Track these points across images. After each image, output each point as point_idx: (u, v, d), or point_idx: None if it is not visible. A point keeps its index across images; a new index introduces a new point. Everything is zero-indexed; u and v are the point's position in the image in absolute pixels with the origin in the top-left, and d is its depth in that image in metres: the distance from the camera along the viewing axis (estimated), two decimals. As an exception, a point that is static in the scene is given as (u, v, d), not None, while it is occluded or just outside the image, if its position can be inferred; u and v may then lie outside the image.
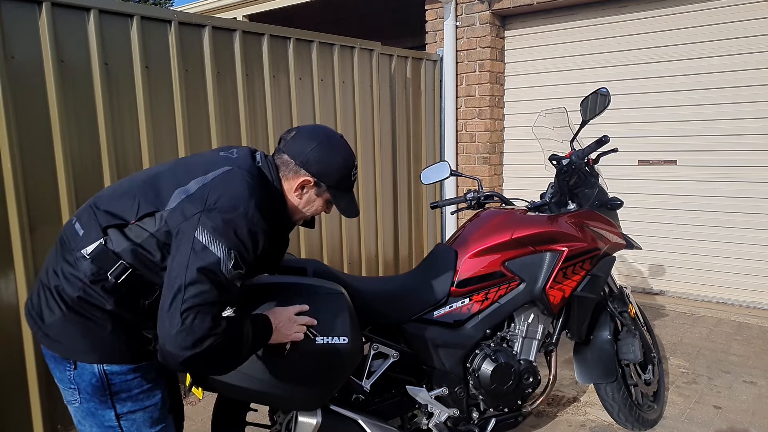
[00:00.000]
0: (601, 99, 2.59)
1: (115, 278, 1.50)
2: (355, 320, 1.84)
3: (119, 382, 1.57)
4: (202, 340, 1.39)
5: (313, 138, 1.68)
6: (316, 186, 1.69)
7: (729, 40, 4.44)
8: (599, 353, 2.70)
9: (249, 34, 3.70)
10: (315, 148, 1.66)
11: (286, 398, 1.76)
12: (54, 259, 1.58)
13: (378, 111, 4.69)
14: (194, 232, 1.44)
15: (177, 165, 1.65)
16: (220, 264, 1.43)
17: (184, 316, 1.38)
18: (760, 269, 4.54)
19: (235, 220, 1.47)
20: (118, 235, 1.52)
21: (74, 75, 2.88)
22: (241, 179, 1.55)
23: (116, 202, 1.57)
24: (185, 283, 1.40)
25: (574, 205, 2.66)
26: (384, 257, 4.91)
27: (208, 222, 1.45)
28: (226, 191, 1.51)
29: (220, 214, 1.47)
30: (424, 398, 2.25)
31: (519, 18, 5.41)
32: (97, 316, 1.53)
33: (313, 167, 1.66)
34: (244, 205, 1.50)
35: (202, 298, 1.40)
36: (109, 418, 1.59)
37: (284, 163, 1.68)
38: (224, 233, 1.45)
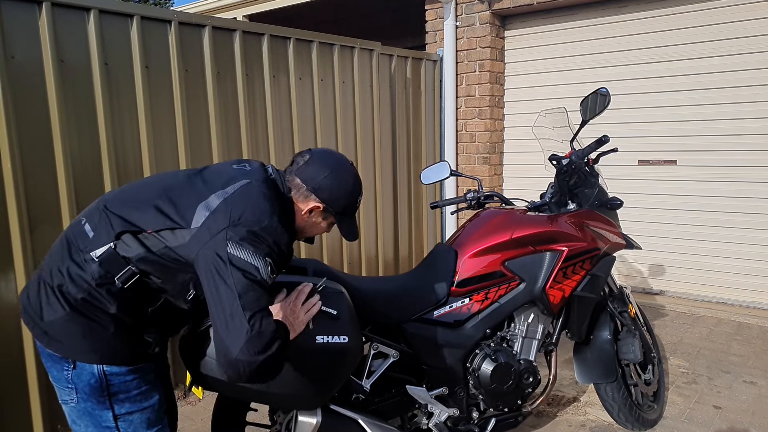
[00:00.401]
0: (601, 99, 2.59)
1: (122, 283, 1.51)
2: (355, 319, 1.84)
3: (118, 383, 1.57)
4: (271, 342, 1.45)
5: (326, 166, 1.74)
6: (324, 212, 1.76)
7: (729, 40, 4.44)
8: (599, 353, 2.70)
9: (249, 34, 3.70)
10: (328, 176, 1.73)
11: (286, 397, 1.76)
12: (59, 258, 1.58)
13: (378, 111, 4.69)
14: (227, 248, 1.47)
15: (192, 178, 1.67)
16: (260, 271, 1.48)
17: (252, 321, 1.42)
18: (760, 269, 4.54)
19: (262, 233, 1.52)
20: (132, 241, 1.54)
21: (74, 75, 2.88)
22: (259, 193, 1.61)
23: (132, 210, 1.58)
24: (238, 293, 1.44)
25: (574, 205, 2.66)
26: (384, 257, 4.91)
27: (236, 236, 1.49)
28: (248, 206, 1.56)
29: (247, 228, 1.51)
30: (424, 398, 2.25)
31: (519, 18, 5.41)
32: (100, 318, 1.53)
33: (324, 194, 1.72)
34: (268, 219, 1.55)
35: (259, 304, 1.46)
36: (107, 418, 1.59)
37: (296, 186, 1.73)
38: (255, 244, 1.50)
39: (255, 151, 3.76)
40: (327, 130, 4.26)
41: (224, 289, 1.44)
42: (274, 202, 1.61)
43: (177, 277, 1.56)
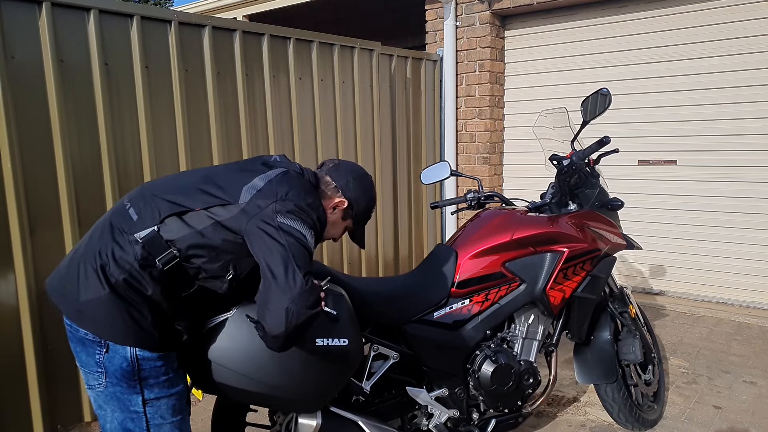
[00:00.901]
0: (602, 99, 2.59)
1: (162, 265, 1.58)
2: (355, 322, 1.84)
3: (149, 368, 1.60)
4: (318, 301, 1.57)
5: (354, 171, 1.92)
6: (347, 210, 1.89)
7: (729, 40, 4.44)
8: (599, 354, 2.69)
9: (249, 34, 3.69)
10: (355, 179, 1.89)
11: (286, 400, 1.76)
12: (102, 241, 1.62)
13: (378, 111, 4.69)
14: (276, 218, 1.59)
15: (230, 167, 1.81)
16: (307, 239, 1.61)
17: (307, 277, 1.54)
18: (760, 269, 4.54)
19: (307, 208, 1.66)
20: (177, 222, 1.61)
21: (74, 75, 2.88)
22: (299, 178, 1.76)
23: (178, 194, 1.67)
24: (293, 253, 1.55)
25: (575, 206, 2.66)
26: (384, 257, 4.91)
27: (284, 209, 1.61)
28: (292, 187, 1.69)
29: (294, 203, 1.64)
30: (424, 399, 2.25)
31: (519, 18, 5.41)
32: (137, 301, 1.58)
33: (351, 193, 1.87)
34: (312, 198, 1.71)
35: (310, 267, 1.58)
36: (136, 402, 1.61)
37: (325, 183, 1.87)
38: (301, 216, 1.63)
39: (255, 151, 3.76)
40: (327, 130, 4.26)
41: (279, 248, 1.55)
42: (313, 188, 1.78)
43: (219, 257, 1.63)
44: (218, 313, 1.75)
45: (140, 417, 1.62)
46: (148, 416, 1.62)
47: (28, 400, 2.76)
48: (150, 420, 1.63)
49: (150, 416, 1.63)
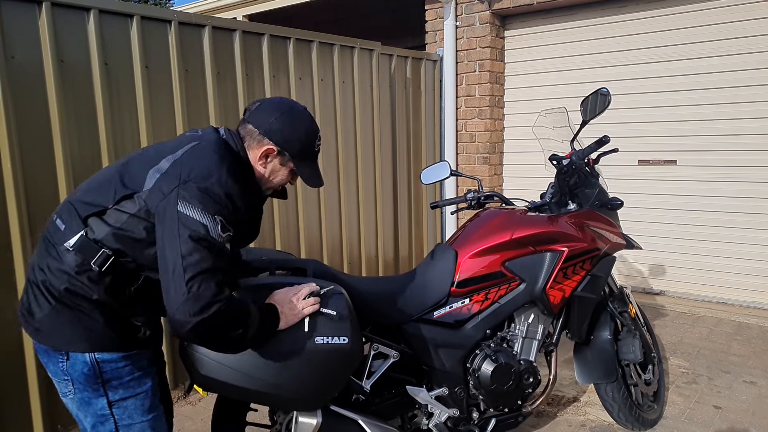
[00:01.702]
0: (602, 99, 2.59)
1: (98, 267, 1.54)
2: (355, 320, 1.84)
3: (110, 370, 1.60)
4: (208, 306, 1.45)
5: (276, 109, 1.73)
6: (279, 155, 1.72)
7: (728, 40, 4.44)
8: (599, 353, 2.69)
9: (249, 34, 3.70)
10: (278, 118, 1.70)
11: (286, 398, 1.76)
12: (39, 256, 1.62)
13: (378, 111, 4.69)
14: (177, 206, 1.49)
15: (146, 150, 1.71)
16: (209, 230, 1.49)
17: (190, 284, 1.44)
18: (761, 269, 4.54)
19: (212, 188, 1.53)
20: (98, 222, 1.57)
21: (74, 75, 2.88)
22: (209, 150, 1.62)
23: (92, 192, 1.62)
24: (182, 254, 1.46)
25: (575, 205, 2.66)
26: (384, 257, 4.91)
27: (186, 194, 1.51)
28: (197, 163, 1.57)
29: (196, 185, 1.52)
30: (424, 398, 2.25)
31: (519, 18, 5.41)
32: (85, 307, 1.56)
33: (276, 136, 1.70)
34: (216, 173, 1.56)
35: (201, 266, 1.46)
36: (102, 406, 1.61)
37: (249, 133, 1.72)
38: (204, 201, 1.51)
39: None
40: (327, 130, 4.26)
41: (170, 249, 1.47)
42: (224, 156, 1.62)
43: (151, 246, 1.56)
44: None
45: (108, 419, 1.62)
46: (115, 417, 1.62)
47: (28, 401, 2.76)
48: (118, 421, 1.63)
49: (118, 417, 1.63)
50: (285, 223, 4.01)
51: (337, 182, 4.39)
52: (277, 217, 3.93)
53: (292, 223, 4.08)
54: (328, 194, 4.31)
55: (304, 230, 4.14)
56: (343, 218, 4.46)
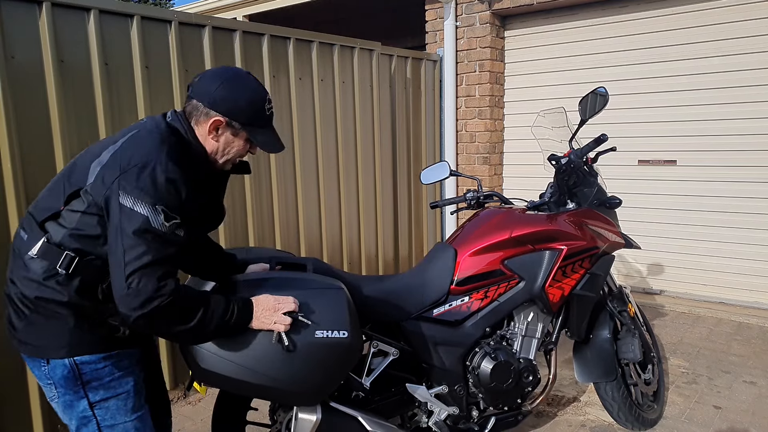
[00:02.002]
0: (600, 99, 2.60)
1: (65, 269, 1.53)
2: (355, 315, 1.84)
3: (90, 371, 1.60)
4: (149, 301, 1.43)
5: (217, 78, 1.65)
6: (229, 126, 1.65)
7: (729, 40, 4.44)
8: (599, 352, 2.70)
9: (249, 34, 3.70)
10: (221, 87, 1.63)
11: (286, 392, 1.76)
12: (11, 270, 1.63)
13: (378, 111, 4.69)
14: (118, 198, 1.47)
15: (92, 146, 1.69)
16: (150, 221, 1.46)
17: (129, 280, 1.43)
18: (760, 269, 4.54)
19: (150, 174, 1.49)
20: (54, 226, 1.57)
21: (74, 75, 2.89)
22: (148, 136, 1.58)
23: (46, 197, 1.62)
24: (123, 248, 1.45)
25: (573, 204, 2.67)
26: (384, 257, 4.91)
27: (126, 184, 1.48)
28: (136, 151, 1.54)
29: (135, 173, 1.49)
30: (424, 396, 2.25)
31: (519, 18, 5.41)
32: (59, 312, 1.56)
33: (222, 106, 1.62)
34: (155, 158, 1.52)
35: (142, 261, 1.44)
36: (83, 407, 1.61)
37: (194, 108, 1.65)
38: (144, 189, 1.47)
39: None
40: (327, 130, 4.27)
41: (114, 242, 1.46)
42: (164, 141, 1.57)
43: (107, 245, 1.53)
44: None
45: (90, 420, 1.62)
46: (98, 419, 1.62)
47: (28, 401, 2.77)
48: (101, 422, 1.63)
49: (100, 418, 1.63)
50: (285, 222, 4.02)
51: (337, 182, 4.40)
52: (277, 217, 3.93)
53: (292, 222, 4.09)
54: (328, 194, 4.31)
55: (304, 230, 4.14)
56: (343, 218, 4.46)
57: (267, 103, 1.69)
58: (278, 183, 3.93)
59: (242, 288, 1.77)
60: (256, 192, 3.79)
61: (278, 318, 1.67)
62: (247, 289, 1.76)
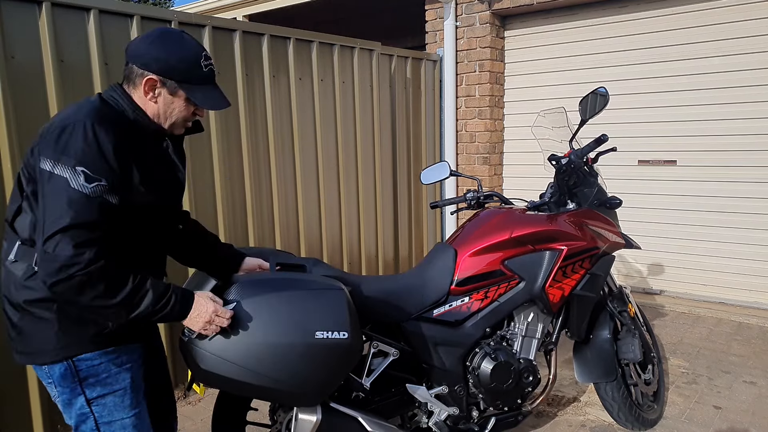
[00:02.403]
0: (600, 99, 2.60)
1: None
2: (355, 316, 1.84)
3: (86, 368, 1.60)
4: (64, 268, 1.38)
5: (148, 37, 1.61)
6: (163, 85, 1.60)
7: (729, 40, 4.44)
8: (599, 352, 2.70)
9: (249, 34, 3.70)
10: (151, 46, 1.59)
11: (286, 393, 1.76)
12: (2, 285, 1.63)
13: (378, 111, 4.69)
14: (40, 164, 1.44)
15: None
16: (69, 183, 1.41)
17: (46, 245, 1.39)
18: (760, 269, 4.54)
19: (69, 137, 1.45)
20: (20, 222, 1.56)
21: (74, 75, 2.88)
22: (72, 107, 1.54)
23: (11, 196, 1.62)
24: (44, 212, 1.42)
25: (573, 205, 2.67)
26: (384, 257, 4.91)
27: (45, 148, 1.45)
28: (57, 117, 1.51)
29: (55, 136, 1.45)
30: (424, 396, 2.25)
31: (519, 18, 5.41)
32: (44, 315, 1.55)
33: (154, 65, 1.58)
34: (74, 120, 1.47)
35: (59, 224, 1.39)
36: (81, 404, 1.62)
37: (129, 73, 1.61)
38: (62, 151, 1.43)
39: (255, 151, 3.76)
40: (327, 130, 4.27)
41: (42, 200, 1.43)
42: (88, 108, 1.51)
43: None
44: None
45: (88, 417, 1.62)
46: (95, 415, 1.62)
47: (28, 400, 2.77)
48: (98, 419, 1.63)
49: (97, 415, 1.63)
50: (285, 223, 4.02)
51: (337, 182, 4.40)
52: (277, 217, 3.93)
53: (292, 223, 4.09)
54: (328, 194, 4.31)
55: (304, 230, 4.14)
56: (343, 218, 4.46)
57: (203, 59, 1.63)
58: (278, 183, 3.93)
59: (242, 289, 1.76)
60: (256, 192, 3.79)
61: (208, 328, 1.63)
62: (248, 290, 1.76)
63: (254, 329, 1.68)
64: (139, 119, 1.61)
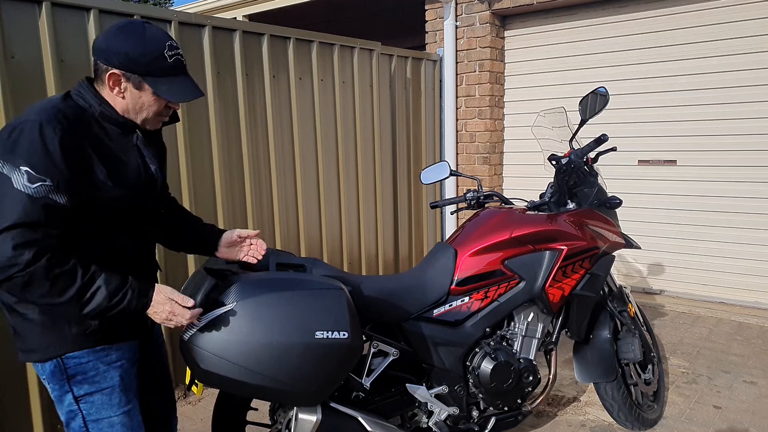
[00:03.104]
0: (600, 99, 2.60)
1: None
2: (356, 316, 1.84)
3: (74, 366, 1.60)
4: (4, 269, 1.35)
5: (108, 31, 1.56)
6: (127, 79, 1.55)
7: (728, 40, 4.44)
8: (599, 352, 2.70)
9: (249, 34, 3.70)
10: (113, 40, 1.53)
11: (286, 393, 1.76)
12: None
13: (378, 111, 4.69)
14: None
15: None
16: (13, 183, 1.38)
17: None
18: (760, 269, 4.54)
19: (18, 137, 1.42)
20: None
21: (74, 75, 2.88)
22: (32, 106, 1.50)
23: None
24: None
25: (573, 204, 2.67)
26: (384, 257, 4.91)
27: None
28: (10, 123, 1.47)
29: (4, 136, 1.43)
30: (424, 396, 2.25)
31: (519, 18, 5.41)
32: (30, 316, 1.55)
33: (116, 59, 1.53)
34: (23, 120, 1.44)
35: (2, 221, 1.36)
36: (69, 401, 1.62)
37: (96, 71, 1.58)
38: (7, 149, 1.40)
39: (255, 151, 3.77)
40: (327, 130, 4.27)
41: None
42: (52, 105, 1.49)
43: None
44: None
45: (77, 414, 1.62)
46: (83, 413, 1.62)
47: (28, 400, 2.77)
48: (86, 416, 1.63)
49: (85, 413, 1.62)
50: (285, 222, 4.02)
51: (337, 182, 4.40)
52: (277, 217, 3.93)
53: (292, 222, 4.09)
54: (328, 194, 4.31)
55: (304, 230, 4.14)
56: (343, 218, 4.46)
57: (167, 50, 1.57)
58: (278, 183, 3.93)
59: (242, 289, 1.75)
60: (256, 192, 3.79)
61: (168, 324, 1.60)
62: (247, 290, 1.75)
63: (254, 329, 1.68)
64: (105, 113, 1.58)
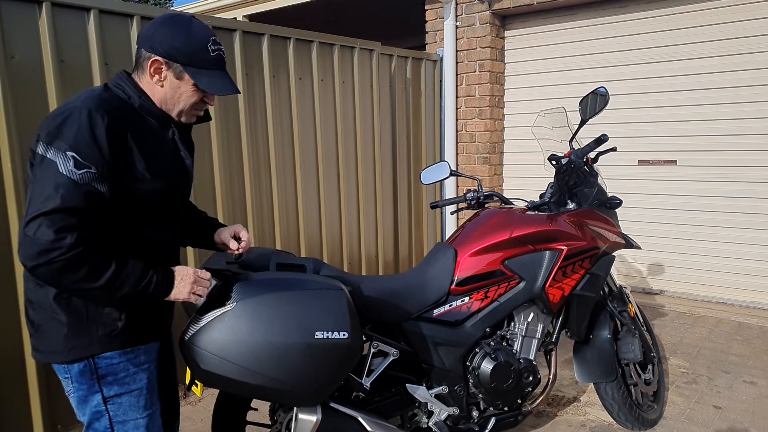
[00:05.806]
0: (600, 99, 2.60)
1: None
2: (356, 316, 1.84)
3: (105, 366, 1.60)
4: (44, 252, 1.36)
5: (155, 21, 1.62)
6: (168, 67, 1.60)
7: (729, 40, 4.45)
8: (599, 352, 2.70)
9: (249, 34, 3.70)
10: (158, 28, 1.59)
11: (286, 393, 1.76)
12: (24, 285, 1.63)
13: (378, 111, 4.69)
14: (35, 148, 1.45)
15: None
16: (59, 167, 1.41)
17: (28, 227, 1.38)
18: (760, 269, 4.54)
19: (64, 122, 1.45)
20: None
21: (74, 75, 2.88)
22: (72, 97, 1.54)
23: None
24: (31, 195, 1.42)
25: (574, 205, 2.67)
26: (384, 257, 4.91)
27: (41, 133, 1.46)
28: (57, 109, 1.51)
29: (50, 121, 1.46)
30: (424, 396, 2.25)
31: (519, 18, 5.41)
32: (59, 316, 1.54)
33: (160, 47, 1.58)
34: (71, 107, 1.47)
35: (43, 207, 1.38)
36: (97, 402, 1.61)
37: (138, 58, 1.62)
38: (55, 135, 1.43)
39: (255, 151, 3.77)
40: (327, 130, 4.27)
41: (30, 187, 1.44)
42: (95, 94, 1.52)
43: None
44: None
45: (103, 415, 1.62)
46: (110, 414, 1.62)
47: (28, 400, 2.77)
48: (113, 418, 1.63)
49: (112, 414, 1.63)
50: (285, 222, 4.02)
51: (337, 182, 4.40)
52: (277, 217, 3.93)
53: (292, 223, 4.09)
54: (328, 194, 4.31)
55: (304, 230, 4.14)
56: (343, 218, 4.46)
57: (211, 44, 1.62)
58: (278, 183, 3.93)
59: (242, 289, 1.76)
60: (256, 192, 3.79)
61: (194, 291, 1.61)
62: (248, 290, 1.75)
63: (254, 329, 1.68)
64: (144, 105, 1.61)
